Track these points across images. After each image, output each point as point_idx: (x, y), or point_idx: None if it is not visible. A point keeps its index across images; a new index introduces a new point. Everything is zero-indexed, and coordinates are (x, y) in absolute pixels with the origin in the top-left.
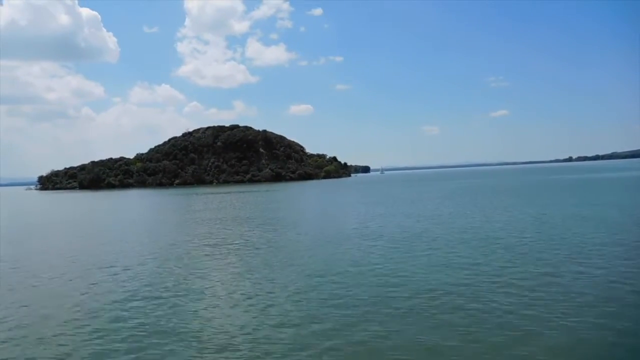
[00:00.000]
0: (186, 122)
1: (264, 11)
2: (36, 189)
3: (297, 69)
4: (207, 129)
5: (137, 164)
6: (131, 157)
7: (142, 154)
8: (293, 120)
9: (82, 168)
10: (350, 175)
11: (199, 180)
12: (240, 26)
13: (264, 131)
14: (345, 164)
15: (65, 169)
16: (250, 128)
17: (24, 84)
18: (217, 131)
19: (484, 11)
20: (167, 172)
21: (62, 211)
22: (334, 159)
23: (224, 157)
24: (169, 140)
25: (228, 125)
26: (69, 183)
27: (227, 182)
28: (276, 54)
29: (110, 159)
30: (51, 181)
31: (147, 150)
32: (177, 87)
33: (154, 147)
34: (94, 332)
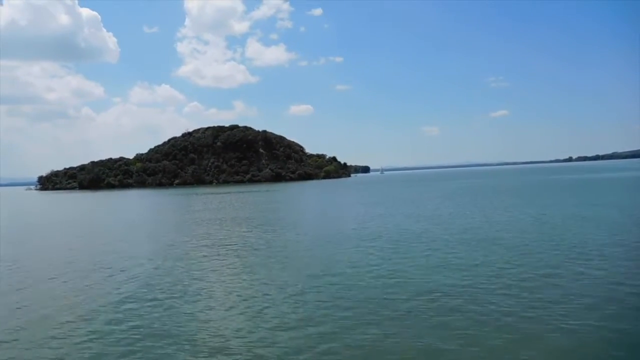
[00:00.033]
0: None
1: (264, 11)
2: (36, 189)
3: (297, 69)
4: (207, 129)
5: (136, 164)
6: (131, 157)
7: (142, 154)
8: (293, 120)
9: (82, 168)
10: (350, 176)
11: (198, 181)
12: (240, 26)
13: (264, 131)
14: (345, 164)
15: (65, 169)
16: (250, 128)
17: (24, 84)
18: (216, 131)
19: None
20: (167, 172)
21: (61, 211)
22: (334, 159)
23: (224, 157)
24: (169, 140)
25: (228, 125)
26: (68, 183)
27: (226, 182)
28: (276, 54)
29: (110, 159)
30: (51, 181)
31: (147, 150)
32: (177, 87)
33: (154, 147)
34: (89, 334)
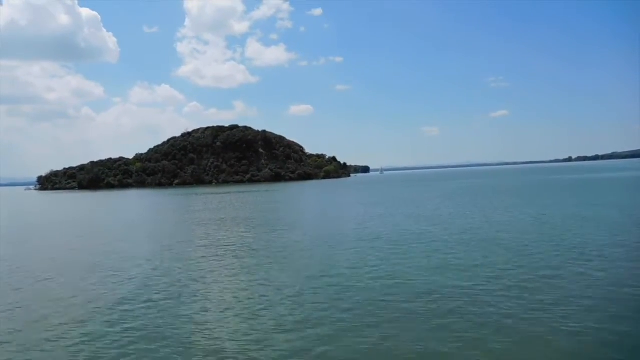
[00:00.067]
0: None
1: (263, 11)
2: (35, 189)
3: (297, 69)
4: (207, 129)
5: (136, 164)
6: (131, 157)
7: (142, 154)
8: (293, 120)
9: (82, 168)
10: (349, 176)
11: (198, 181)
12: (240, 26)
13: (264, 131)
14: (344, 164)
15: (65, 169)
16: (249, 128)
17: (24, 84)
18: (216, 131)
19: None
20: (167, 173)
21: (60, 211)
22: (334, 159)
23: (224, 157)
24: (169, 140)
25: (227, 125)
26: (68, 183)
27: (226, 182)
28: (276, 54)
29: (110, 159)
30: (50, 181)
31: (147, 150)
32: (177, 87)
33: (154, 147)
34: (83, 336)
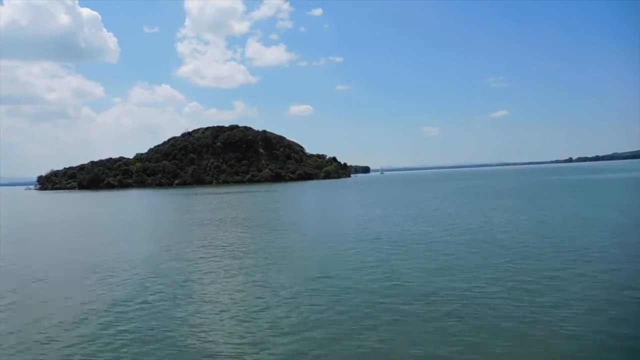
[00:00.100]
0: (186, 123)
1: (264, 11)
2: (35, 189)
3: (297, 70)
4: (207, 129)
5: (136, 164)
6: (131, 157)
7: (142, 154)
8: (293, 120)
9: (82, 168)
10: (349, 176)
11: (198, 181)
12: (240, 26)
13: (264, 131)
14: (344, 164)
15: (65, 169)
16: (249, 128)
17: (24, 84)
18: (216, 131)
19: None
20: (167, 173)
21: (60, 211)
22: (334, 159)
23: (224, 157)
24: (169, 140)
25: (227, 125)
26: (68, 183)
27: (226, 182)
28: (276, 55)
29: (110, 159)
30: (50, 181)
31: (147, 150)
32: (177, 87)
33: (154, 147)
34: (79, 337)
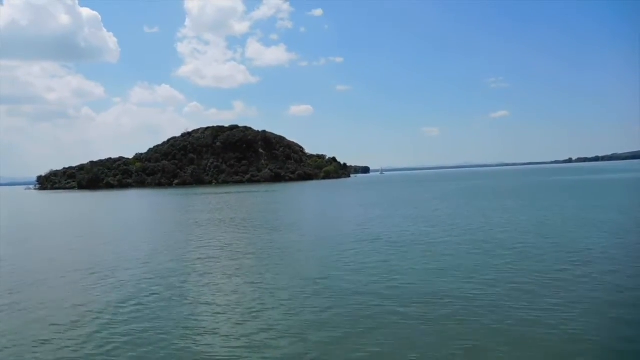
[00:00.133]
0: (186, 123)
1: (264, 12)
2: (35, 189)
3: (297, 70)
4: (207, 129)
5: (136, 164)
6: (130, 157)
7: (141, 154)
8: (293, 120)
9: (81, 168)
10: (349, 176)
11: (198, 181)
12: (240, 26)
13: (264, 131)
14: (344, 164)
15: (65, 169)
16: (249, 128)
17: (24, 84)
18: (216, 131)
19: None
20: (166, 173)
21: (60, 211)
22: (334, 159)
23: (224, 157)
24: (168, 140)
25: (227, 125)
26: (67, 183)
27: (226, 182)
28: (276, 55)
29: (109, 159)
30: (50, 181)
31: (147, 150)
32: (177, 87)
33: (153, 147)
34: (75, 339)
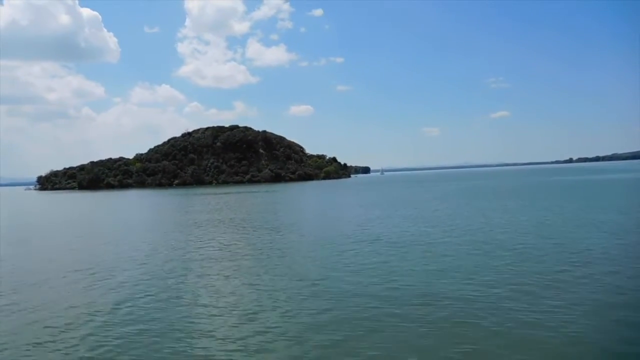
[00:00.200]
0: (186, 123)
1: (264, 12)
2: (35, 189)
3: (297, 70)
4: (207, 129)
5: (136, 164)
6: (131, 157)
7: (142, 154)
8: (293, 120)
9: (82, 168)
10: (350, 176)
11: (198, 181)
12: (240, 27)
13: (264, 132)
14: (345, 164)
15: (65, 169)
16: (249, 128)
17: (25, 84)
18: (216, 131)
19: (484, 12)
20: (167, 173)
21: (60, 211)
22: (334, 159)
23: (224, 157)
24: (169, 140)
25: (227, 125)
26: (68, 183)
27: (226, 182)
28: (277, 55)
29: (110, 159)
30: (50, 181)
31: (147, 150)
32: (178, 87)
33: (154, 147)
34: (72, 340)
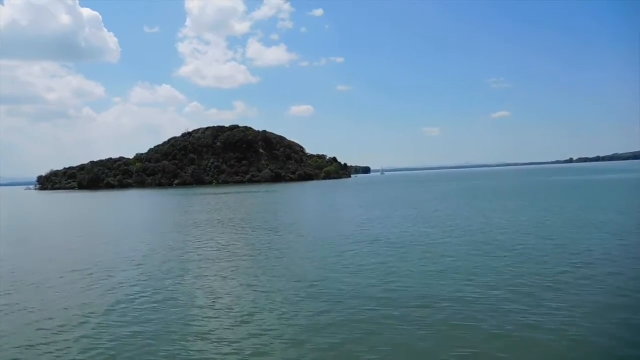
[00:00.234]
0: (187, 123)
1: (264, 12)
2: (35, 189)
3: (298, 70)
4: (207, 129)
5: (136, 164)
6: (131, 157)
7: (142, 154)
8: (293, 120)
9: (82, 168)
10: (350, 176)
11: (198, 181)
12: (241, 27)
13: (264, 132)
14: (345, 164)
15: (65, 169)
16: (250, 128)
17: (25, 84)
18: (216, 131)
19: (485, 12)
20: (167, 173)
21: (60, 211)
22: (334, 159)
23: (224, 157)
24: (169, 140)
25: (228, 125)
26: (68, 183)
27: (226, 182)
28: (277, 55)
29: (110, 159)
30: (50, 181)
31: (147, 150)
32: (178, 87)
33: (154, 147)
34: (70, 341)
